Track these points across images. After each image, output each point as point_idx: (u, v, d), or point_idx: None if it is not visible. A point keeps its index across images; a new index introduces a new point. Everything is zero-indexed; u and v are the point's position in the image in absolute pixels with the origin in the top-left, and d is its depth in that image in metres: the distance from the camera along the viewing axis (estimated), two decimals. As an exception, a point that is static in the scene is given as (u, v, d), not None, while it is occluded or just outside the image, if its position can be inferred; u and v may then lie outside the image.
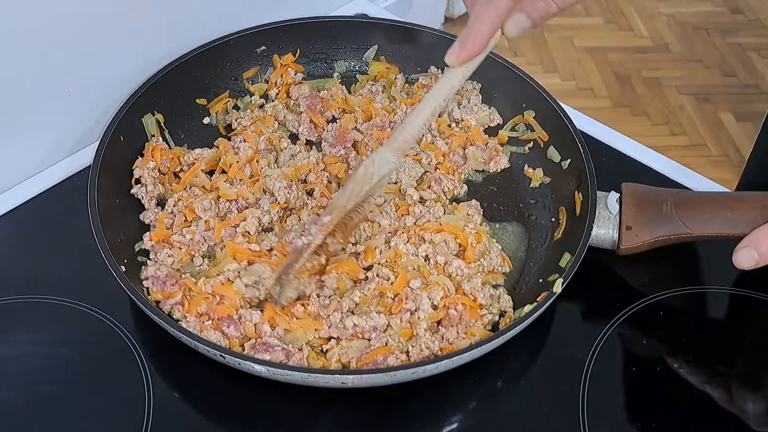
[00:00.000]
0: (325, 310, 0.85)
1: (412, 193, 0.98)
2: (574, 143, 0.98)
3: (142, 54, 1.08)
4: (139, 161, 1.00)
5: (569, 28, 2.90)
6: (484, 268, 0.92)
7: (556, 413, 0.82)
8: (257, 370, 0.76)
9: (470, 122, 1.08)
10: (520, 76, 1.07)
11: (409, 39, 1.16)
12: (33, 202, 1.02)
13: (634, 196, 0.92)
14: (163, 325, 0.79)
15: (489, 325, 0.87)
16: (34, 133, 1.03)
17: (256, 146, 1.03)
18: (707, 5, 3.06)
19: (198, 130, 1.09)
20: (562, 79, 2.68)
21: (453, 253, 0.92)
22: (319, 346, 0.84)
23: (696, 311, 0.95)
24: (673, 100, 2.61)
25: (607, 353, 0.87)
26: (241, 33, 1.12)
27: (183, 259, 0.91)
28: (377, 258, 0.90)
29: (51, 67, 1.00)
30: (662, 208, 0.90)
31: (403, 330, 0.83)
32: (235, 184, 0.99)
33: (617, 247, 0.91)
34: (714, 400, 0.84)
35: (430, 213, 0.96)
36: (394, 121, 1.08)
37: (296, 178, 1.00)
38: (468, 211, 0.97)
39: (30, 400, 0.82)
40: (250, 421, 0.82)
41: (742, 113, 2.56)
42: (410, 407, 0.83)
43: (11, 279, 0.93)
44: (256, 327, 0.83)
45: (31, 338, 0.88)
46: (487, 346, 0.78)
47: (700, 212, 0.89)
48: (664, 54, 2.81)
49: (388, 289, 0.87)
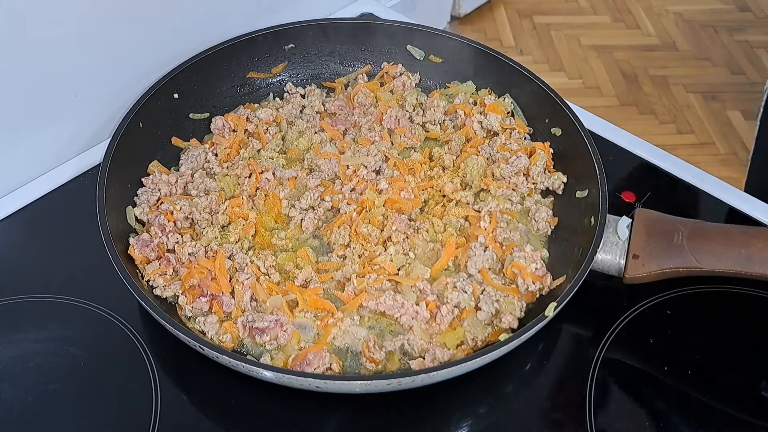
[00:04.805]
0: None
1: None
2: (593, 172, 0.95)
3: (153, 56, 1.09)
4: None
5: (576, 27, 2.90)
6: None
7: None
8: (265, 375, 0.77)
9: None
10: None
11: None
12: (41, 201, 1.03)
13: (645, 223, 0.89)
14: (161, 322, 0.80)
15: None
16: (41, 133, 1.04)
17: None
18: (715, 3, 3.05)
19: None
20: (568, 78, 2.67)
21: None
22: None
23: (702, 310, 0.94)
24: (680, 98, 2.59)
25: (614, 354, 0.87)
26: (260, 31, 1.15)
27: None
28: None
29: (59, 68, 1.00)
30: (673, 238, 0.86)
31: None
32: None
33: (622, 275, 0.88)
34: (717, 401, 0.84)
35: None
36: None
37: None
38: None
39: (38, 398, 0.83)
40: (255, 423, 0.83)
41: (750, 111, 2.55)
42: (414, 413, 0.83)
43: (20, 278, 0.94)
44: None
45: (40, 337, 0.88)
46: (469, 364, 0.78)
47: (713, 246, 0.85)
48: (672, 52, 2.80)
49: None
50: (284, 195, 1.01)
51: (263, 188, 1.01)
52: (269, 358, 0.84)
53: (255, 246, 0.96)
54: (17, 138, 1.01)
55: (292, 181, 1.02)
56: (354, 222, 0.96)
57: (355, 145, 1.07)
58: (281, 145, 1.09)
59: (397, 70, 1.19)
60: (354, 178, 1.02)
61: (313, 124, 1.12)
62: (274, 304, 0.88)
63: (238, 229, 0.96)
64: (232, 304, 0.88)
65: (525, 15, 2.94)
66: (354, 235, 0.95)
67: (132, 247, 0.91)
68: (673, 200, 1.04)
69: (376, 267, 0.92)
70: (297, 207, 0.99)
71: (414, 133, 1.10)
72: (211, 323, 0.86)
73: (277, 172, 1.04)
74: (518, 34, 2.84)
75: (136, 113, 1.00)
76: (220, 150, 1.06)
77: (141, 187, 1.00)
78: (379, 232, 0.95)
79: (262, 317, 0.86)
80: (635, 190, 1.05)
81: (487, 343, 0.86)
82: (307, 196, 1.00)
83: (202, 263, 0.90)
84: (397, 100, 1.15)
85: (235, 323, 0.86)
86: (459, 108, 1.12)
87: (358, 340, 0.86)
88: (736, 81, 2.68)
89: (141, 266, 0.91)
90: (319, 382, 0.76)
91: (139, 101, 1.02)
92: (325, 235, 0.97)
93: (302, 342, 0.85)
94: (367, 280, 0.90)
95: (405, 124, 1.10)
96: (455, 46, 1.16)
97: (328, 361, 0.83)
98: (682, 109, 2.56)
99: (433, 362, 0.82)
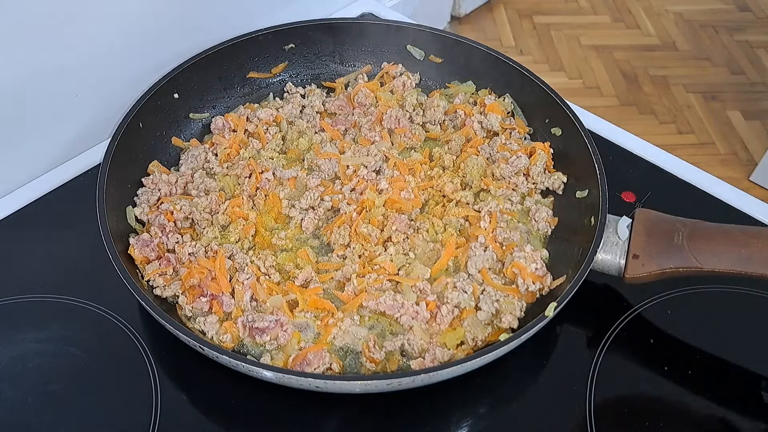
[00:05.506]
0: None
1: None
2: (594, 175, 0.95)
3: (153, 56, 1.09)
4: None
5: (576, 27, 2.90)
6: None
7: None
8: (265, 375, 0.77)
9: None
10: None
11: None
12: (41, 201, 1.03)
13: (645, 223, 0.88)
14: (161, 322, 0.80)
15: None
16: (41, 133, 1.04)
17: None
18: (715, 3, 3.05)
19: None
20: (568, 78, 2.67)
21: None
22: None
23: (701, 310, 0.94)
24: (680, 98, 2.60)
25: (614, 354, 0.87)
26: (260, 31, 1.15)
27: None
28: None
29: (59, 68, 1.00)
30: (673, 238, 0.86)
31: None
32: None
33: (622, 275, 0.88)
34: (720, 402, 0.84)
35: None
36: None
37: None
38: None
39: (38, 398, 0.83)
40: (255, 423, 0.83)
41: (751, 111, 2.55)
42: (414, 413, 0.83)
43: (20, 278, 0.94)
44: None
45: (40, 337, 0.88)
46: (468, 365, 0.77)
47: (713, 246, 0.85)
48: (672, 52, 2.80)
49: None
50: (284, 195, 1.01)
51: (263, 188, 1.01)
52: (269, 358, 0.84)
53: (255, 246, 0.96)
54: (17, 138, 1.01)
55: (292, 181, 1.03)
56: (354, 222, 0.96)
57: (355, 145, 1.07)
58: (281, 145, 1.09)
59: (397, 70, 1.19)
60: (354, 178, 1.02)
61: (313, 124, 1.12)
62: (274, 304, 0.88)
63: (238, 229, 0.96)
64: (232, 304, 0.88)
65: (525, 15, 2.94)
66: (354, 235, 0.95)
67: (132, 247, 0.91)
68: (673, 200, 1.04)
69: (376, 267, 0.92)
70: (297, 207, 0.99)
71: (414, 133, 1.10)
72: (211, 323, 0.86)
73: (277, 172, 1.04)
74: (518, 34, 2.84)
75: (136, 113, 1.00)
76: (220, 150, 1.06)
77: (141, 187, 1.00)
78: (379, 232, 0.95)
79: (262, 317, 0.86)
80: (635, 190, 1.05)
81: (487, 343, 0.86)
82: (307, 196, 1.00)
83: (202, 263, 0.90)
84: (397, 100, 1.15)
85: (235, 323, 0.86)
86: (459, 108, 1.12)
87: (358, 340, 0.86)
88: (736, 81, 2.68)
89: (141, 266, 0.91)
90: (319, 382, 0.76)
91: (139, 101, 1.02)
92: (325, 235, 0.97)
93: (302, 342, 0.85)
94: (367, 280, 0.90)
95: (405, 124, 1.10)
96: (455, 46, 1.16)
97: (328, 361, 0.83)
98: (682, 109, 2.56)
99: (433, 362, 0.82)
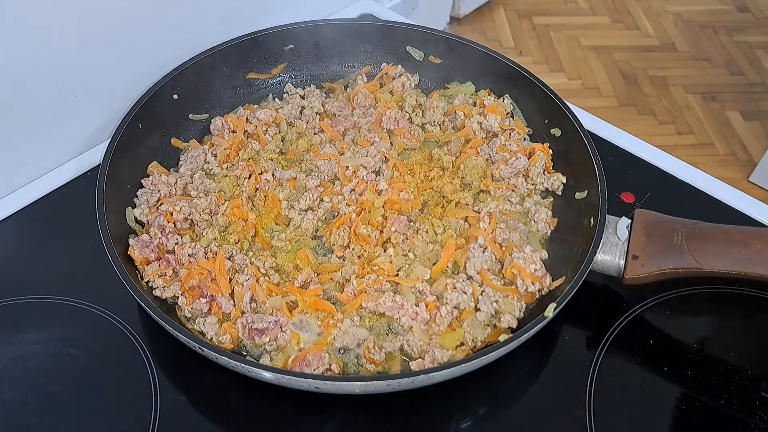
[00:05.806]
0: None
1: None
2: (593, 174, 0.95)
3: (153, 56, 1.09)
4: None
5: (575, 27, 2.90)
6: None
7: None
8: (265, 376, 0.77)
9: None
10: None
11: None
12: (41, 202, 1.03)
13: (645, 224, 0.89)
14: (160, 323, 0.80)
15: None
16: (41, 133, 1.04)
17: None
18: (714, 3, 3.05)
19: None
20: (568, 79, 2.67)
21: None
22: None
23: (702, 311, 0.95)
24: (679, 99, 2.60)
25: (613, 355, 0.87)
26: (260, 32, 1.15)
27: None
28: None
29: (59, 68, 1.00)
30: (673, 239, 0.86)
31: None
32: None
33: (622, 276, 0.88)
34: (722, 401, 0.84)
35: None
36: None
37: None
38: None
39: (38, 399, 0.82)
40: (255, 423, 0.83)
41: (750, 112, 2.55)
42: (417, 412, 0.83)
43: (20, 278, 0.94)
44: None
45: (40, 338, 0.88)
46: (468, 365, 0.77)
47: (712, 247, 0.85)
48: (671, 53, 2.80)
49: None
50: (284, 196, 1.01)
51: (263, 189, 1.01)
52: (269, 358, 0.84)
53: (255, 247, 0.96)
54: (17, 139, 1.01)
55: (291, 182, 1.03)
56: (353, 223, 0.96)
57: (355, 146, 1.07)
58: (281, 146, 1.09)
59: (397, 71, 1.19)
60: (353, 179, 1.02)
61: (312, 125, 1.12)
62: (274, 305, 0.88)
63: (237, 230, 0.96)
64: (231, 305, 0.88)
65: (524, 16, 2.94)
66: (353, 236, 0.95)
67: (132, 248, 0.91)
68: (673, 200, 1.04)
69: (376, 268, 0.92)
70: (296, 208, 0.99)
71: (413, 134, 1.10)
72: (210, 324, 0.86)
73: (277, 173, 1.04)
74: (518, 35, 2.85)
75: (136, 114, 1.01)
76: (219, 151, 1.06)
77: (140, 188, 1.00)
78: (378, 233, 0.95)
79: (261, 318, 0.86)
80: (634, 191, 1.05)
81: (486, 344, 0.86)
82: (306, 197, 1.00)
83: (202, 264, 0.90)
84: (396, 101, 1.15)
85: (235, 324, 0.86)
86: (458, 109, 1.12)
87: (357, 341, 0.86)
88: (735, 82, 2.69)
89: (141, 267, 0.91)
90: (318, 382, 0.76)
91: (139, 102, 1.02)
92: (324, 236, 0.97)
93: (302, 343, 0.85)
94: (367, 281, 0.90)
95: (404, 125, 1.10)
96: (455, 47, 1.16)
97: (327, 361, 0.83)
98: (681, 110, 2.56)
99: (433, 363, 0.82)
